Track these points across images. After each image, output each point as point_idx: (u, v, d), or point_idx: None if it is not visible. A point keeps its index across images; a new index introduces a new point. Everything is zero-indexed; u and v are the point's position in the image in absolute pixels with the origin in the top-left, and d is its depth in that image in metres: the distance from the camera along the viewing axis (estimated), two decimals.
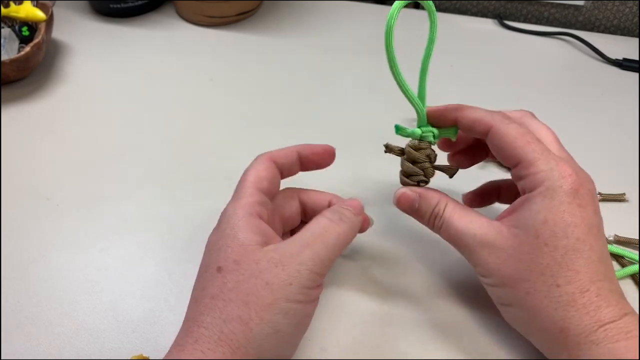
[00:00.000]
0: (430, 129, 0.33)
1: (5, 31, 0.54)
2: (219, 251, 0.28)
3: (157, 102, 0.53)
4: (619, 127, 0.49)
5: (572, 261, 0.27)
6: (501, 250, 0.29)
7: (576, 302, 0.27)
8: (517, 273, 0.28)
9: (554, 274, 0.27)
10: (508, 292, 0.29)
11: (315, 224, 0.30)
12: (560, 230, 0.27)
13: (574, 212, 0.28)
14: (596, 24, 0.64)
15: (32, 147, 0.48)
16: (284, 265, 0.27)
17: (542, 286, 0.27)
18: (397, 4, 0.31)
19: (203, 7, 0.62)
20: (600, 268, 0.27)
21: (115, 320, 0.35)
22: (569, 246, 0.27)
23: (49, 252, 0.39)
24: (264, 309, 0.26)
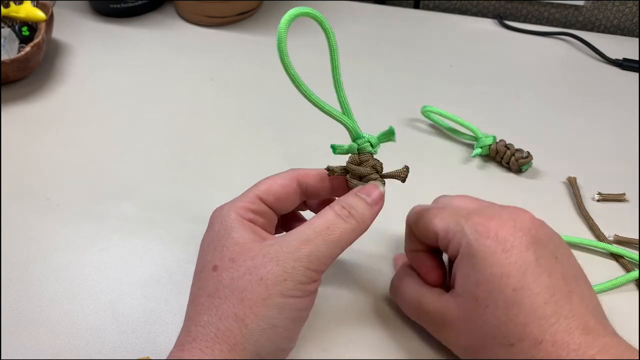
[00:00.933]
0: (366, 139, 0.31)
1: (5, 31, 0.54)
2: (214, 251, 0.28)
3: (157, 102, 0.53)
4: (619, 127, 0.49)
5: (516, 315, 0.25)
6: (452, 323, 0.28)
7: (535, 358, 0.25)
8: (474, 342, 0.27)
9: (504, 334, 0.25)
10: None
11: (319, 219, 0.28)
12: (494, 287, 0.26)
13: (500, 262, 0.26)
14: (596, 24, 0.64)
15: (32, 147, 0.48)
16: (279, 261, 0.27)
17: (497, 349, 0.26)
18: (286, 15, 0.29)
19: (203, 7, 0.62)
20: (548, 311, 0.25)
21: (115, 320, 0.35)
22: (508, 300, 0.25)
23: (49, 252, 0.39)
24: (258, 305, 0.26)
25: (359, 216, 0.29)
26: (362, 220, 0.29)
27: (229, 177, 0.45)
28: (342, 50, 0.33)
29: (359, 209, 0.29)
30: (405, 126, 0.50)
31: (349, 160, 0.31)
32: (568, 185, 0.43)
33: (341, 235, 0.28)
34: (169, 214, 0.42)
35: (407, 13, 0.65)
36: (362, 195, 0.29)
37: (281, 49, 0.29)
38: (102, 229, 0.40)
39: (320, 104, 0.30)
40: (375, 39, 0.61)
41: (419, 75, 0.56)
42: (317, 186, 0.32)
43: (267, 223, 0.31)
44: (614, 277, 0.36)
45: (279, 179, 0.31)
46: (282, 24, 0.29)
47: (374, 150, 0.31)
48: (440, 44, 0.60)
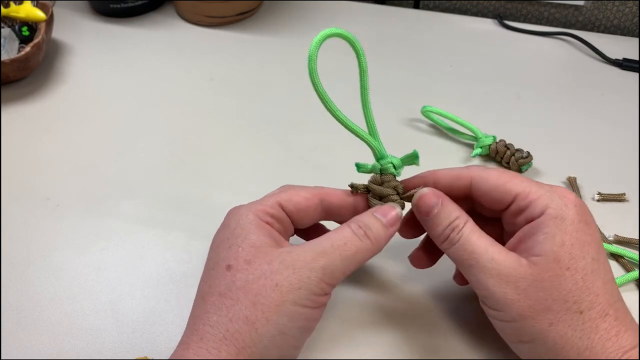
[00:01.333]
0: (389, 160, 0.31)
1: (5, 31, 0.54)
2: (229, 249, 0.28)
3: (157, 102, 0.53)
4: (619, 127, 0.49)
5: (592, 283, 0.26)
6: (521, 279, 0.26)
7: (598, 328, 0.25)
8: (539, 303, 0.26)
9: (577, 300, 0.26)
10: (528, 326, 0.26)
11: (337, 234, 0.29)
12: (577, 251, 0.26)
13: (585, 231, 0.27)
14: (596, 24, 0.64)
15: (32, 147, 0.48)
16: (295, 269, 0.27)
17: (565, 315, 0.25)
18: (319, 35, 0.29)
19: (203, 7, 0.62)
20: (615, 288, 0.27)
21: (115, 320, 0.35)
22: (588, 267, 0.26)
23: (49, 252, 0.39)
24: (271, 310, 0.26)
25: (373, 237, 0.29)
26: (377, 241, 0.29)
27: (229, 177, 0.45)
28: (342, 50, 0.33)
29: (374, 229, 0.29)
30: (406, 126, 0.50)
31: (371, 180, 0.32)
32: (568, 185, 0.43)
33: (356, 253, 0.28)
34: (169, 214, 0.42)
35: (407, 13, 0.65)
36: (378, 216, 0.30)
37: (312, 68, 0.30)
38: (102, 229, 0.40)
39: (347, 123, 0.31)
40: (375, 39, 0.61)
41: (419, 75, 0.56)
42: (340, 205, 0.32)
43: (283, 230, 0.31)
44: None
45: (303, 192, 0.31)
46: (313, 45, 0.30)
47: (396, 172, 0.32)
48: (440, 44, 0.60)
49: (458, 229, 0.28)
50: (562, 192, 0.28)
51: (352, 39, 0.30)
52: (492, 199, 0.30)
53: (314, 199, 0.31)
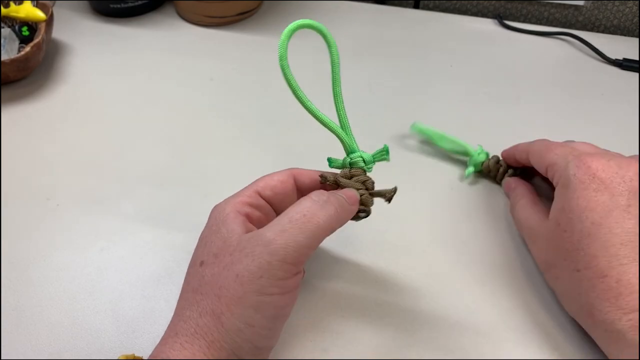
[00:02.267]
0: (359, 154, 0.31)
1: (5, 31, 0.54)
2: (204, 246, 0.28)
3: (157, 102, 0.53)
4: (619, 127, 0.49)
5: (588, 245, 0.27)
6: (539, 238, 0.32)
7: (595, 287, 0.26)
8: (548, 259, 0.31)
9: (573, 259, 0.28)
10: (546, 277, 0.32)
11: (296, 207, 0.27)
12: (575, 216, 0.28)
13: (588, 197, 0.28)
14: (596, 24, 0.64)
15: (32, 147, 0.48)
16: (254, 256, 0.25)
17: (564, 271, 0.28)
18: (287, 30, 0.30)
19: (203, 7, 0.62)
20: (623, 251, 0.26)
21: (115, 320, 0.35)
22: (584, 230, 0.28)
23: (49, 252, 0.39)
24: (234, 303, 0.25)
25: (337, 203, 0.28)
26: (341, 208, 0.28)
27: (229, 177, 0.45)
28: (342, 50, 0.33)
29: (337, 197, 0.28)
30: (406, 126, 0.49)
31: (341, 174, 0.31)
32: None
33: (319, 223, 0.26)
34: (169, 214, 0.42)
35: (407, 13, 0.65)
36: (342, 195, 0.29)
37: (282, 54, 0.30)
38: (102, 229, 0.40)
39: (317, 114, 0.31)
40: (375, 39, 0.61)
41: (419, 75, 0.55)
42: (312, 186, 0.32)
43: (264, 218, 0.31)
44: None
45: (277, 175, 0.32)
46: (283, 37, 0.29)
47: (367, 167, 0.31)
48: (440, 44, 0.60)
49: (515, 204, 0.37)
50: (582, 160, 0.30)
51: (323, 31, 0.30)
52: (539, 169, 0.35)
53: (289, 179, 0.31)
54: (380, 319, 0.34)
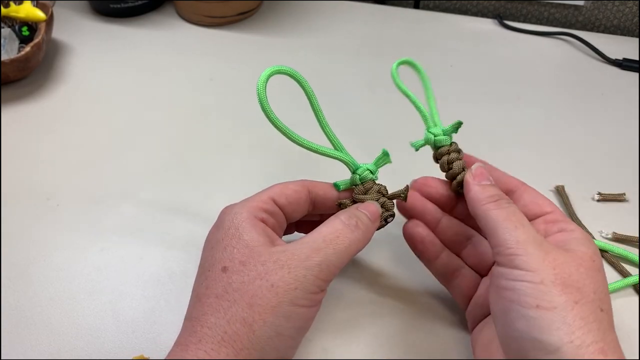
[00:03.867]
0: (364, 167, 0.32)
1: (5, 31, 0.54)
2: (224, 251, 0.28)
3: (157, 102, 0.53)
4: (619, 127, 0.49)
5: (609, 298, 0.27)
6: (560, 255, 0.27)
7: (611, 332, 0.26)
8: (571, 281, 0.26)
9: (601, 299, 0.26)
10: (555, 294, 0.25)
11: (328, 227, 0.29)
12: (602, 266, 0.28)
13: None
14: (596, 24, 0.64)
15: (32, 147, 0.48)
16: (290, 269, 0.27)
17: (591, 303, 0.26)
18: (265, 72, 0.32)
19: (203, 7, 0.62)
20: None
21: (115, 320, 0.35)
22: (607, 284, 0.27)
23: (49, 252, 0.39)
24: (267, 312, 0.26)
25: (364, 227, 0.30)
26: (367, 231, 0.30)
27: (229, 177, 0.45)
28: (342, 51, 0.33)
29: (364, 220, 0.30)
30: (406, 126, 0.49)
31: (356, 192, 0.32)
32: (556, 193, 0.42)
33: (349, 245, 0.28)
34: (169, 214, 0.42)
35: (407, 13, 0.65)
36: (363, 211, 0.31)
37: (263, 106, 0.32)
38: (102, 229, 0.40)
39: (314, 148, 0.33)
40: (375, 39, 0.61)
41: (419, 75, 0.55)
42: (325, 197, 0.33)
43: (277, 225, 0.31)
44: (612, 281, 0.36)
45: (291, 184, 0.32)
46: (260, 82, 0.32)
47: (374, 176, 0.33)
48: (440, 44, 0.60)
49: (509, 201, 0.29)
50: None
51: (291, 73, 0.32)
52: (535, 202, 0.31)
53: (303, 190, 0.32)
54: (381, 318, 0.34)
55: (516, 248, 0.27)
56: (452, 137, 0.35)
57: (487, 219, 0.29)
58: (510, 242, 0.27)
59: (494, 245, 0.28)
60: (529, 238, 0.27)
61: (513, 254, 0.27)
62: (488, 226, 0.29)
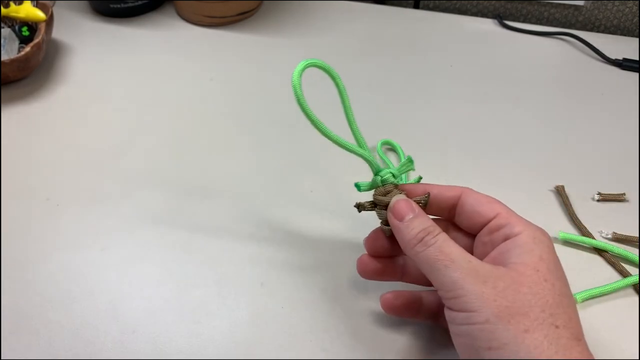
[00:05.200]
0: (387, 171, 0.32)
1: (5, 31, 0.54)
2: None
3: (157, 102, 0.53)
4: (619, 127, 0.49)
5: (567, 305, 0.26)
6: (499, 280, 0.26)
7: (573, 349, 0.24)
8: (516, 306, 0.25)
9: (553, 313, 0.25)
10: (501, 330, 0.24)
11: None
12: (554, 270, 0.26)
13: (557, 261, 0.27)
14: (596, 24, 0.64)
15: (32, 147, 0.48)
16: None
17: (542, 324, 0.24)
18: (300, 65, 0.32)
19: (203, 7, 0.62)
20: (580, 326, 0.26)
21: (115, 320, 0.35)
22: (563, 289, 0.26)
23: (49, 252, 0.39)
24: None
25: None
26: None
27: (229, 176, 0.45)
28: (342, 51, 0.33)
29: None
30: (405, 126, 0.50)
31: (376, 193, 0.32)
32: (556, 193, 0.42)
33: None
34: (169, 214, 0.42)
35: (407, 13, 0.65)
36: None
37: (298, 96, 0.32)
38: (102, 229, 0.40)
39: (345, 145, 0.32)
40: (375, 39, 0.61)
41: (419, 75, 0.56)
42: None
43: None
44: (612, 281, 0.36)
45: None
46: (295, 77, 0.32)
47: (396, 180, 0.32)
48: (440, 44, 0.60)
49: (433, 234, 0.28)
50: (535, 226, 0.29)
51: (325, 67, 0.32)
52: (476, 212, 0.30)
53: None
54: (381, 317, 0.34)
55: (454, 290, 0.26)
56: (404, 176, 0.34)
57: (419, 264, 0.28)
58: (447, 284, 0.26)
59: (436, 288, 0.27)
60: (462, 273, 0.26)
61: (453, 297, 0.26)
62: (423, 270, 0.28)
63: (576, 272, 0.35)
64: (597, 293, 0.35)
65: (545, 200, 0.42)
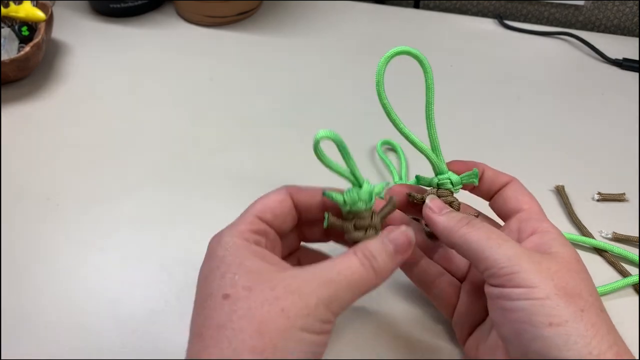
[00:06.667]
0: (447, 176, 0.32)
1: (5, 31, 0.54)
2: (222, 278, 0.26)
3: (157, 102, 0.53)
4: (619, 127, 0.49)
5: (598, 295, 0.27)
6: (552, 262, 0.26)
7: (617, 332, 0.26)
8: (570, 287, 0.26)
9: (596, 299, 0.26)
10: (562, 306, 0.25)
11: (344, 262, 0.27)
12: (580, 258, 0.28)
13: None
14: (596, 24, 0.64)
15: (32, 147, 0.48)
16: (302, 295, 0.25)
17: (592, 306, 0.25)
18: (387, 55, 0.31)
19: (203, 7, 0.62)
20: None
21: (115, 320, 0.35)
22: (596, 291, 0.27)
23: (49, 252, 0.39)
24: (278, 337, 0.24)
25: (379, 270, 0.27)
26: (381, 274, 0.27)
27: (229, 177, 0.45)
28: (342, 51, 0.33)
29: (380, 261, 0.27)
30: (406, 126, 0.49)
31: (430, 191, 0.32)
32: (556, 193, 0.42)
33: (362, 285, 0.27)
34: (169, 214, 0.42)
35: (407, 13, 0.65)
36: (387, 242, 0.28)
37: (378, 80, 0.31)
38: (102, 229, 0.40)
39: (412, 138, 0.32)
40: (375, 39, 0.61)
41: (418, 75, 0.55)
42: (309, 203, 0.31)
43: (272, 245, 0.30)
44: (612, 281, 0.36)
45: (273, 195, 0.30)
46: (382, 61, 0.32)
47: (454, 188, 0.32)
48: (440, 44, 0.60)
49: (479, 220, 0.29)
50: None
51: (420, 57, 0.32)
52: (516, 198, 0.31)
53: (287, 198, 0.30)
54: (382, 318, 0.34)
55: (511, 266, 0.26)
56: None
57: (468, 244, 0.28)
58: (501, 261, 0.26)
59: (485, 267, 0.27)
60: (517, 252, 0.26)
61: (509, 273, 0.26)
62: (471, 250, 0.28)
63: None
64: None
65: (545, 200, 0.42)
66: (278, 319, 0.24)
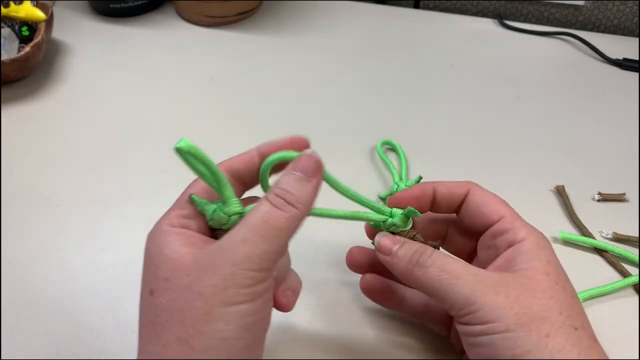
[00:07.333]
0: (392, 222, 0.29)
1: (5, 31, 0.54)
2: (148, 272, 0.26)
3: (157, 102, 0.53)
4: (619, 127, 0.49)
5: (579, 306, 0.26)
6: (511, 288, 0.25)
7: (593, 349, 0.24)
8: (533, 312, 0.24)
9: (570, 315, 0.25)
10: (524, 337, 0.24)
11: (254, 213, 0.25)
12: (562, 274, 0.26)
13: (561, 265, 0.27)
14: (596, 24, 0.64)
15: (32, 147, 0.48)
16: (216, 270, 0.23)
17: (561, 327, 0.24)
18: None
19: (203, 7, 0.62)
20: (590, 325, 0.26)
21: (115, 320, 0.35)
22: (572, 291, 0.26)
23: (49, 252, 0.39)
24: (201, 322, 0.23)
25: (296, 201, 0.25)
26: (301, 203, 0.25)
27: None
28: (342, 51, 0.33)
29: (295, 191, 0.25)
30: (406, 126, 0.50)
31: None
32: (557, 193, 0.42)
33: (282, 227, 0.24)
34: None
35: (407, 13, 0.65)
36: (296, 173, 0.26)
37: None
38: (102, 229, 0.40)
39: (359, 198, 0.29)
40: (375, 39, 0.61)
41: (419, 75, 0.55)
42: (247, 169, 0.30)
43: (204, 226, 0.28)
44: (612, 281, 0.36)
45: (199, 182, 0.29)
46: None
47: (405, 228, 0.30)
48: (440, 44, 0.60)
49: (428, 254, 0.27)
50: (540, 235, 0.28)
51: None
52: (480, 213, 0.29)
53: (252, 158, 0.29)
54: (381, 318, 0.34)
55: (468, 306, 0.25)
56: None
57: (424, 288, 0.27)
58: (458, 302, 0.25)
59: (447, 308, 0.26)
60: (471, 288, 0.25)
61: (468, 313, 0.25)
62: (429, 294, 0.27)
63: (576, 272, 0.35)
64: (597, 293, 0.35)
65: (545, 200, 0.42)
66: (197, 304, 0.23)
